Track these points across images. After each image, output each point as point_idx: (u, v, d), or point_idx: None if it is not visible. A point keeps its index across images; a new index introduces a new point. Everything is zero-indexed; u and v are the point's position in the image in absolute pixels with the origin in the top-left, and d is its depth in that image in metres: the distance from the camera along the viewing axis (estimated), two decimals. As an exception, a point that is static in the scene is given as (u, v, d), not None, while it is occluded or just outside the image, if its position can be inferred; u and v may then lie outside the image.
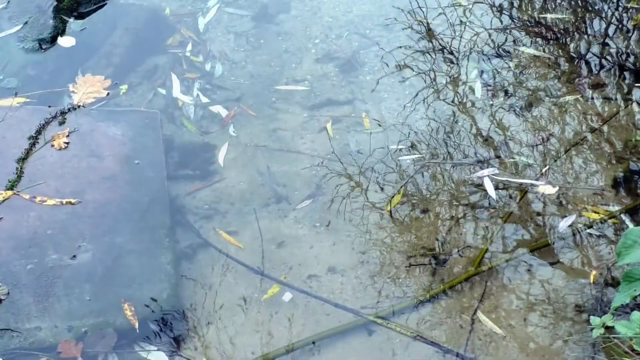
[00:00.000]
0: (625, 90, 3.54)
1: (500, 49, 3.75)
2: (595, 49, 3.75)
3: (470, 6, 3.97)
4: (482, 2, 3.99)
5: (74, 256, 2.81)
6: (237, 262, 2.93)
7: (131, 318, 2.69)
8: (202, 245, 2.99)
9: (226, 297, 2.83)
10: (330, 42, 3.81)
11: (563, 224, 2.94)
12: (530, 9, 3.99)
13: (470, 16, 3.94)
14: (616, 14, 3.86)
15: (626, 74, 3.63)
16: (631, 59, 3.69)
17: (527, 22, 3.91)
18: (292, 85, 3.61)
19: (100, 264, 2.81)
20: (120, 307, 2.71)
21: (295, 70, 3.68)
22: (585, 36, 3.81)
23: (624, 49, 3.74)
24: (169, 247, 2.89)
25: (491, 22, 3.90)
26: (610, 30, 3.83)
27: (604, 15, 3.90)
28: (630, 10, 3.82)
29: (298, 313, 2.79)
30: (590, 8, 3.93)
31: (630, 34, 3.79)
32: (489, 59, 3.70)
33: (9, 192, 2.96)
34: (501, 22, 3.90)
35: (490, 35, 3.82)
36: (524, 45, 3.76)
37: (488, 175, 3.14)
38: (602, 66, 3.69)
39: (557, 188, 3.10)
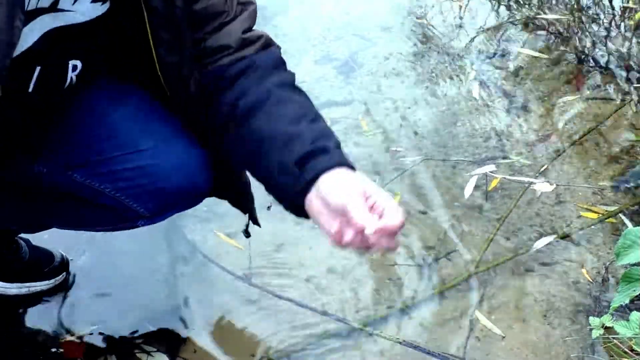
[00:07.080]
0: (625, 89, 3.54)
1: (498, 49, 3.74)
2: (595, 49, 3.75)
3: (467, 3, 3.97)
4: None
5: (71, 259, 2.82)
6: (235, 265, 2.93)
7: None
8: (200, 247, 2.99)
9: (224, 299, 2.83)
10: (329, 43, 3.81)
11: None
12: (528, 8, 3.99)
13: (468, 16, 3.94)
14: (615, 13, 3.86)
15: (625, 73, 3.63)
16: (630, 58, 3.69)
17: (526, 22, 3.91)
18: (291, 87, 3.60)
19: (97, 267, 2.82)
20: (119, 309, 2.72)
21: (294, 71, 3.67)
22: (584, 36, 3.81)
23: (623, 49, 3.73)
24: (166, 249, 2.90)
25: (488, 21, 3.90)
26: (610, 30, 3.82)
27: (602, 15, 3.90)
28: (629, 10, 3.80)
29: (296, 316, 2.77)
30: (588, 8, 3.93)
31: (629, 34, 3.79)
32: (487, 59, 3.70)
33: (7, 199, 2.96)
34: (499, 21, 3.91)
35: (488, 35, 3.82)
36: (522, 45, 3.76)
37: (477, 175, 3.13)
38: (601, 66, 3.68)
39: (554, 186, 3.09)
